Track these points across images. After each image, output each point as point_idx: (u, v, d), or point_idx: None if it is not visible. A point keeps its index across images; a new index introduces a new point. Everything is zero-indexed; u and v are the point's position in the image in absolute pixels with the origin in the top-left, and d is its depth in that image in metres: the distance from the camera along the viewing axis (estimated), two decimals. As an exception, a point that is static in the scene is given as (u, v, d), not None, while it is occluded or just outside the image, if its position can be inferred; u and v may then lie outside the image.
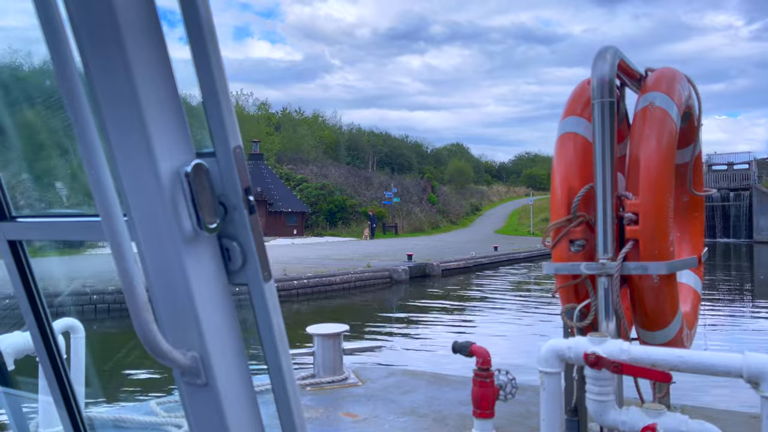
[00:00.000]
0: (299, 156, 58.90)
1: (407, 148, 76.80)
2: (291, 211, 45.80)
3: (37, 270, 1.18)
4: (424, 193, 59.63)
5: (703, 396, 7.42)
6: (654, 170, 3.24)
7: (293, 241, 41.20)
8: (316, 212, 48.66)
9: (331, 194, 50.07)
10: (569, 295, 3.45)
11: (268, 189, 45.37)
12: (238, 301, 0.81)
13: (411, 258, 24.80)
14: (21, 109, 1.64)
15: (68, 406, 1.24)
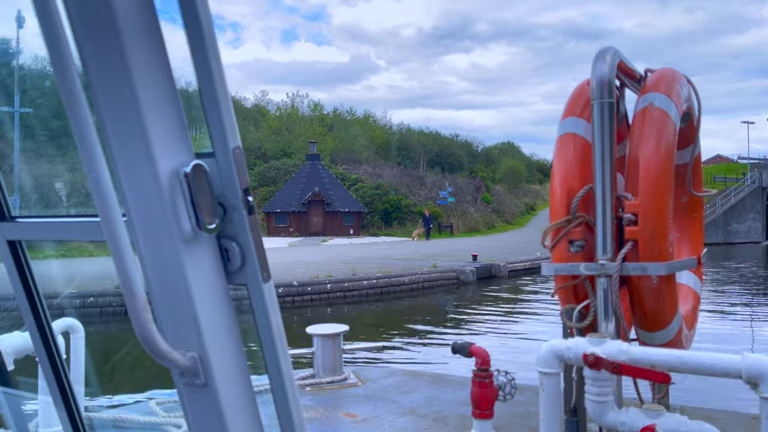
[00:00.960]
0: (352, 156, 58.89)
1: (457, 147, 76.27)
2: (348, 211, 45.78)
3: (50, 270, 1.19)
4: (478, 193, 58.73)
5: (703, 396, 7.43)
6: (653, 171, 3.24)
7: (351, 240, 41.06)
8: (371, 212, 48.44)
9: (386, 194, 49.69)
10: (569, 296, 3.46)
11: (326, 189, 45.42)
12: (238, 306, 0.82)
13: (476, 258, 24.33)
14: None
15: (68, 406, 1.24)
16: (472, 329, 14.78)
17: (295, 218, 45.19)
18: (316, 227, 45.08)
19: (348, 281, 19.33)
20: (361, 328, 15.28)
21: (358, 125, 69.94)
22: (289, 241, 39.54)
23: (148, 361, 0.74)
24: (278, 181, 50.70)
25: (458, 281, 22.44)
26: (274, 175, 51.83)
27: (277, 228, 45.37)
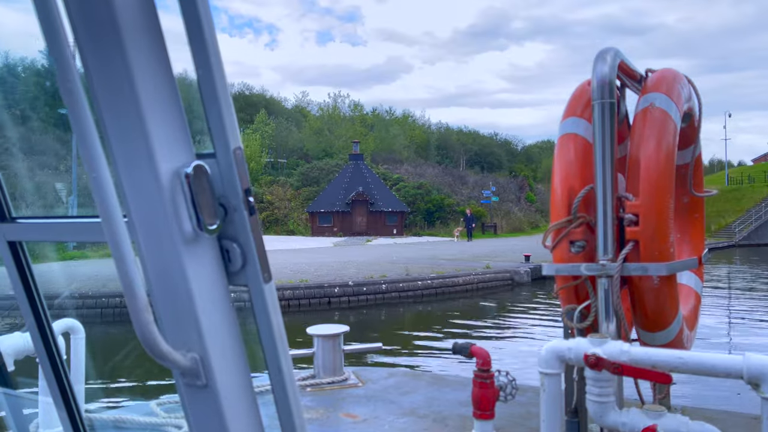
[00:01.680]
0: (392, 156, 58.88)
1: (496, 146, 75.80)
2: (391, 211, 45.83)
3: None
4: (521, 192, 58.05)
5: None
6: (654, 171, 3.24)
7: (394, 240, 40.96)
8: (413, 212, 48.33)
9: (429, 194, 49.35)
10: (569, 296, 3.45)
11: (369, 189, 45.40)
12: (239, 308, 0.81)
13: (528, 259, 23.91)
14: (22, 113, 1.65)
15: (68, 407, 1.24)
16: (532, 333, 14.44)
17: (339, 218, 45.18)
18: (359, 227, 45.04)
19: (402, 281, 19.19)
20: (420, 328, 15.06)
21: (398, 125, 69.90)
22: (334, 241, 39.51)
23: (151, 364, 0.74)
24: (321, 181, 50.74)
25: (513, 282, 22.07)
26: (317, 175, 51.86)
27: (321, 228, 45.42)
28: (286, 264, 22.89)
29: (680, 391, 7.53)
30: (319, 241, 39.00)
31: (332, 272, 20.10)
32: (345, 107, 71.73)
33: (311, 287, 17.83)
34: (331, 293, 18.01)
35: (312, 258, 26.07)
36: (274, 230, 46.81)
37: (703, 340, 12.38)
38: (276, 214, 47.92)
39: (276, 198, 48.89)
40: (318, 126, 64.99)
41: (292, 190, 50.78)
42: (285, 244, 36.26)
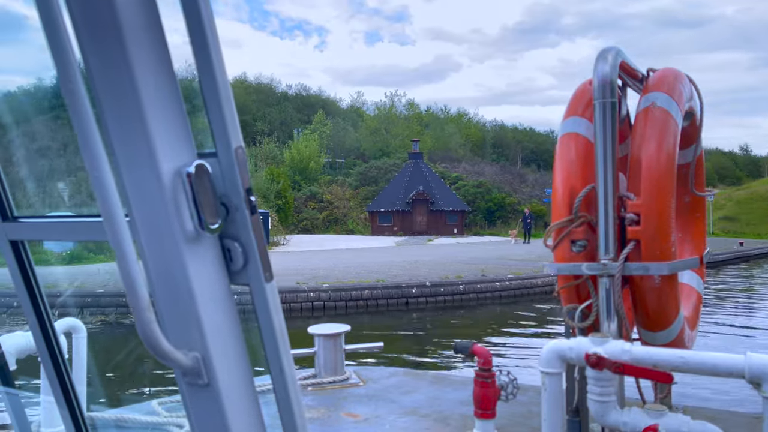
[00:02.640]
0: (448, 154, 58.63)
1: (552, 144, 74.66)
2: (452, 210, 45.46)
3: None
4: None
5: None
6: (656, 171, 3.23)
7: (456, 240, 40.59)
8: (473, 211, 47.90)
9: (489, 192, 48.80)
10: (571, 296, 3.45)
11: (429, 188, 45.06)
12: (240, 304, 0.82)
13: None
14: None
15: (70, 406, 1.24)
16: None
17: (399, 217, 44.96)
18: (420, 226, 44.74)
19: (479, 282, 18.88)
20: (504, 330, 14.76)
21: (453, 123, 69.58)
22: (396, 240, 39.40)
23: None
24: (379, 181, 50.69)
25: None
26: (375, 175, 51.80)
27: (381, 227, 45.22)
28: (354, 263, 22.69)
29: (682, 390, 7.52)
30: (380, 241, 38.80)
31: (404, 272, 19.83)
32: (399, 106, 71.78)
33: (389, 287, 17.61)
34: (409, 293, 17.77)
35: (378, 257, 25.83)
36: (333, 229, 46.76)
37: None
38: (335, 213, 47.93)
39: (335, 197, 48.92)
40: (374, 125, 64.87)
41: (351, 190, 50.77)
42: (346, 243, 36.14)
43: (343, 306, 17.03)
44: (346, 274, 19.44)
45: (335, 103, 77.63)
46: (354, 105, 78.66)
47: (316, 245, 34.25)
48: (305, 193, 49.28)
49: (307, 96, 76.31)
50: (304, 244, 34.85)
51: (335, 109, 73.95)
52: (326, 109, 69.40)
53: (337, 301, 17.00)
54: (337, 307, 16.91)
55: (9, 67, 2.11)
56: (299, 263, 22.73)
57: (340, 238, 40.63)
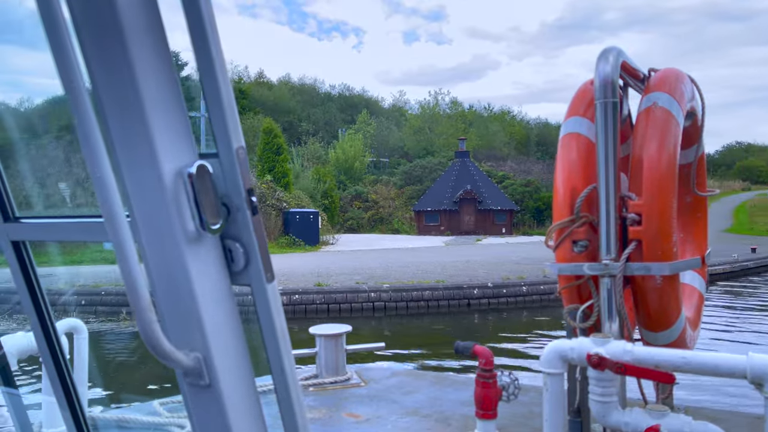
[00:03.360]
0: (493, 153, 58.00)
1: None
2: (500, 209, 44.88)
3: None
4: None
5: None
6: (657, 171, 3.23)
7: (505, 240, 40.00)
8: (522, 210, 47.14)
9: (537, 191, 47.65)
10: (572, 296, 3.45)
11: (477, 186, 44.42)
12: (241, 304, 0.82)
13: None
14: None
15: (71, 407, 1.24)
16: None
17: (446, 217, 44.34)
18: (467, 226, 44.06)
19: (543, 284, 18.12)
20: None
21: (496, 121, 68.86)
22: (444, 240, 38.90)
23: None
24: (424, 180, 50.21)
25: None
26: (420, 174, 51.33)
27: (428, 227, 44.62)
28: (408, 262, 22.33)
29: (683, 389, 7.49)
30: (428, 241, 38.24)
31: (460, 272, 19.40)
32: (444, 105, 71.07)
33: (450, 288, 17.21)
34: (471, 295, 17.31)
35: (430, 257, 25.35)
36: (378, 229, 46.48)
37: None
38: (380, 212, 47.64)
39: (380, 197, 48.66)
40: (418, 124, 64.36)
41: (396, 189, 50.46)
42: (394, 242, 35.77)
43: (404, 306, 16.63)
44: (402, 274, 19.10)
45: (377, 103, 77.56)
46: (396, 104, 78.57)
47: (363, 244, 33.88)
48: (350, 192, 49.06)
49: (350, 96, 76.35)
50: (352, 243, 34.53)
51: (378, 108, 73.79)
52: (369, 108, 69.29)
53: (398, 301, 16.65)
54: (398, 308, 16.59)
55: (10, 67, 2.11)
56: (353, 262, 22.42)
57: (386, 238, 40.27)
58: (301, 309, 15.99)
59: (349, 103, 73.37)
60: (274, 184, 35.30)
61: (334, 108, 71.33)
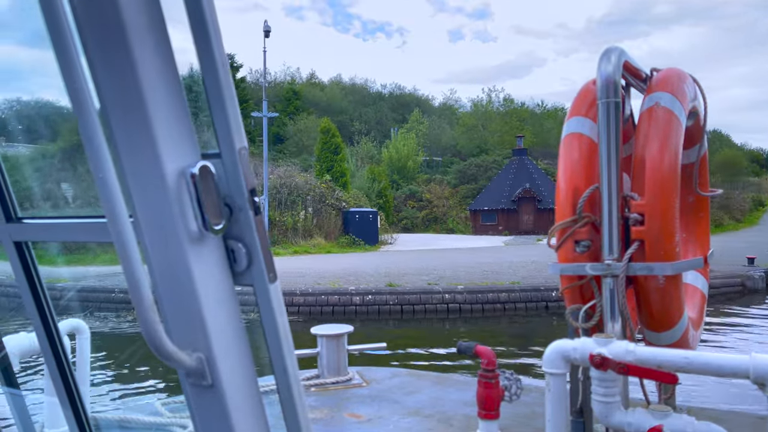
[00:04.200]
0: (548, 150, 56.74)
1: None
2: None
3: None
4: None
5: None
6: (660, 171, 3.23)
7: None
8: None
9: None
10: (574, 296, 3.45)
11: (536, 185, 43.24)
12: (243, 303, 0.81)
13: (753, 261, 21.15)
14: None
15: (74, 407, 1.24)
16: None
17: (504, 216, 43.20)
18: (526, 225, 42.82)
19: None
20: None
21: (550, 118, 67.74)
22: (504, 240, 38.17)
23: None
24: (479, 178, 49.43)
25: (744, 288, 19.40)
26: (474, 173, 50.58)
27: (484, 227, 43.55)
28: (472, 263, 21.73)
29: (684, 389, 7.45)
30: (486, 240, 37.46)
31: (530, 273, 18.69)
32: (497, 102, 69.71)
33: (527, 290, 16.52)
34: (549, 297, 16.51)
35: (493, 257, 24.62)
36: (433, 228, 45.91)
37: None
38: (435, 212, 47.04)
39: (434, 196, 48.09)
40: (471, 122, 63.32)
41: (450, 188, 49.88)
42: (452, 242, 35.05)
43: (479, 309, 16.05)
44: (471, 275, 18.49)
45: (428, 101, 77.02)
46: (446, 102, 77.80)
47: (421, 244, 33.34)
48: (404, 192, 48.60)
49: (401, 95, 75.98)
50: (409, 243, 34.00)
51: (428, 107, 73.17)
52: (420, 107, 68.70)
53: (473, 303, 16.12)
54: (473, 310, 16.03)
55: (12, 67, 2.11)
56: (416, 262, 21.96)
57: (442, 237, 39.55)
58: (374, 310, 15.61)
59: (400, 102, 72.85)
60: (332, 184, 34.98)
61: (386, 107, 70.92)
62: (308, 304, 15.51)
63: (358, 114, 67.77)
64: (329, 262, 22.27)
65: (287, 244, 28.29)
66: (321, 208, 31.66)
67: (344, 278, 17.56)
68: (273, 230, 28.69)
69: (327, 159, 39.98)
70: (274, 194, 30.47)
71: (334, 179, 36.98)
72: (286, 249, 27.18)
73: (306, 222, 30.60)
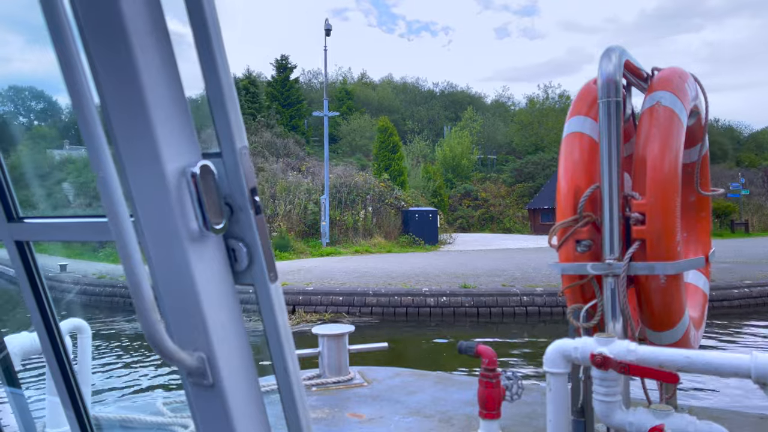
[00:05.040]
0: None
1: (718, 134, 65.17)
2: None
3: None
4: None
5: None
6: (661, 170, 3.22)
7: None
8: None
9: None
10: (576, 296, 3.45)
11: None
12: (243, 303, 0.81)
13: None
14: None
15: (75, 406, 1.25)
16: None
17: None
18: None
19: (717, 288, 15.43)
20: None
21: None
22: None
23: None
24: (536, 177, 48.57)
25: None
26: (531, 171, 49.73)
27: (544, 225, 42.14)
28: (540, 263, 20.58)
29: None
30: (546, 240, 36.38)
31: None
32: (553, 98, 67.88)
33: None
34: None
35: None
36: (489, 228, 45.32)
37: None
38: (491, 211, 46.37)
39: (490, 195, 47.44)
40: (526, 120, 62.07)
41: (506, 187, 49.18)
42: (512, 242, 34.11)
43: (559, 312, 14.88)
44: (542, 276, 17.44)
45: (480, 99, 76.00)
46: (499, 100, 76.74)
47: (481, 244, 32.57)
48: (459, 191, 47.85)
49: (453, 93, 75.26)
50: (469, 242, 33.21)
51: (480, 104, 72.26)
52: (473, 105, 67.81)
53: (553, 306, 15.18)
54: (554, 313, 15.06)
55: (16, 67, 2.11)
56: (482, 263, 21.24)
57: (500, 237, 38.89)
58: (449, 312, 14.96)
59: (452, 100, 72.10)
60: (391, 183, 34.53)
61: (438, 105, 70.17)
62: (381, 305, 15.06)
63: (411, 113, 67.03)
64: (393, 262, 21.71)
65: (348, 244, 27.82)
66: (380, 207, 31.15)
67: (413, 279, 16.97)
68: (333, 229, 28.28)
69: (384, 158, 39.52)
70: (334, 193, 30.03)
71: (391, 178, 36.44)
72: (346, 248, 26.75)
73: (366, 221, 30.13)
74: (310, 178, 32.51)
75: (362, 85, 71.93)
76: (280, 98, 52.54)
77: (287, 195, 29.07)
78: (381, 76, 78.37)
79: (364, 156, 49.10)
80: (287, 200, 28.63)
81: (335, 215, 29.23)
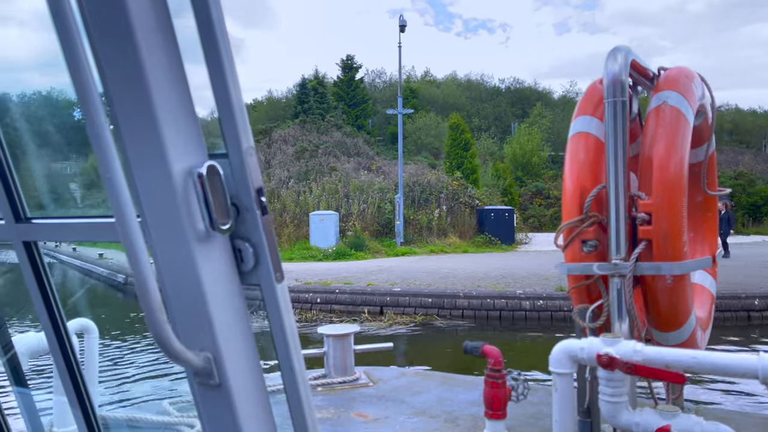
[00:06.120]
0: None
1: None
2: None
3: None
4: None
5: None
6: (667, 170, 3.21)
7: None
8: (733, 206, 39.30)
9: (752, 184, 40.44)
10: (582, 296, 3.44)
11: None
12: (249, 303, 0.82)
13: None
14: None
15: (82, 406, 1.25)
16: None
17: None
18: None
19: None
20: None
21: None
22: None
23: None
24: None
25: None
26: None
27: None
28: None
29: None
30: None
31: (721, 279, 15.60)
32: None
33: (724, 297, 13.95)
34: (751, 306, 14.34)
35: None
36: None
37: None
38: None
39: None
40: None
41: None
42: None
43: None
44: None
45: (548, 95, 73.80)
46: (566, 95, 74.32)
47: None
48: (530, 189, 45.93)
49: (519, 89, 73.48)
50: (544, 242, 31.31)
51: (548, 100, 70.22)
52: (541, 100, 66.04)
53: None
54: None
55: (20, 68, 2.12)
56: None
57: None
58: (546, 316, 14.22)
59: (519, 96, 70.47)
60: (464, 181, 33.57)
61: (504, 102, 68.48)
62: (473, 308, 14.51)
63: (476, 110, 65.48)
64: (471, 263, 20.80)
65: (422, 243, 27.09)
66: (454, 206, 30.22)
67: (500, 280, 16.22)
68: (407, 228, 27.66)
69: (456, 155, 38.44)
70: (407, 192, 29.33)
71: (464, 176, 35.32)
72: (421, 248, 26.02)
73: (440, 221, 29.24)
74: (382, 177, 31.97)
75: (426, 83, 70.51)
76: (346, 98, 51.86)
77: (360, 194, 28.77)
78: (444, 74, 75.79)
79: (431, 155, 48.26)
80: (361, 199, 28.32)
81: (409, 214, 28.66)
